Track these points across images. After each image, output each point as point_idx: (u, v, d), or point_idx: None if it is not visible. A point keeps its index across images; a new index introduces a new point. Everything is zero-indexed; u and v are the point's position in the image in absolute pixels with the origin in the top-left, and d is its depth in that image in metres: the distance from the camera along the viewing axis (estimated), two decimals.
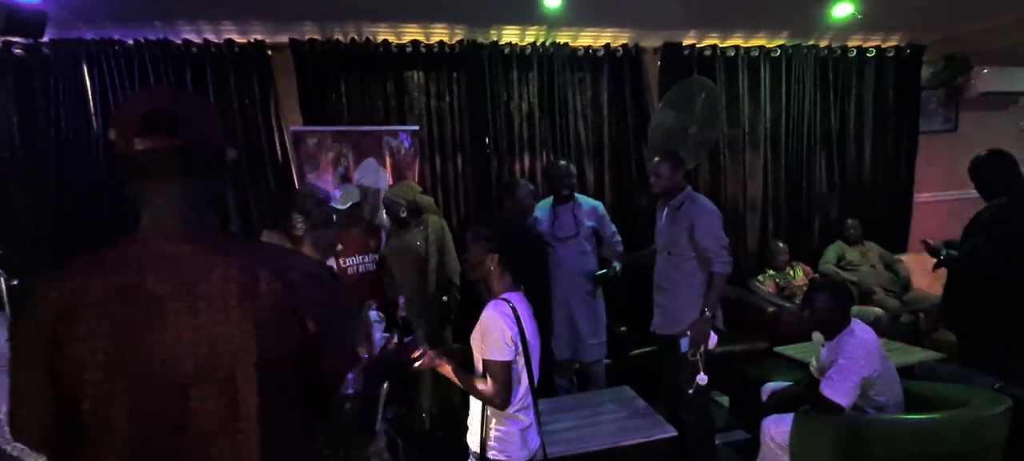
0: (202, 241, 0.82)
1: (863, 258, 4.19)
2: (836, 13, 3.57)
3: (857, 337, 2.11)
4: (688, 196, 2.56)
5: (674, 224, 2.54)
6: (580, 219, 3.02)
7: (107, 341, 0.75)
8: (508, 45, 3.68)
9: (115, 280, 0.77)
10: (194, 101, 0.91)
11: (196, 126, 0.83)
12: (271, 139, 3.41)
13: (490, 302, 1.57)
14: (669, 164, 2.56)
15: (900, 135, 4.49)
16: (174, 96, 0.89)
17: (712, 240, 2.42)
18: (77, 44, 3.14)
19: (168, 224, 0.81)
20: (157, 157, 0.80)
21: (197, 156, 0.83)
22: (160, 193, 0.81)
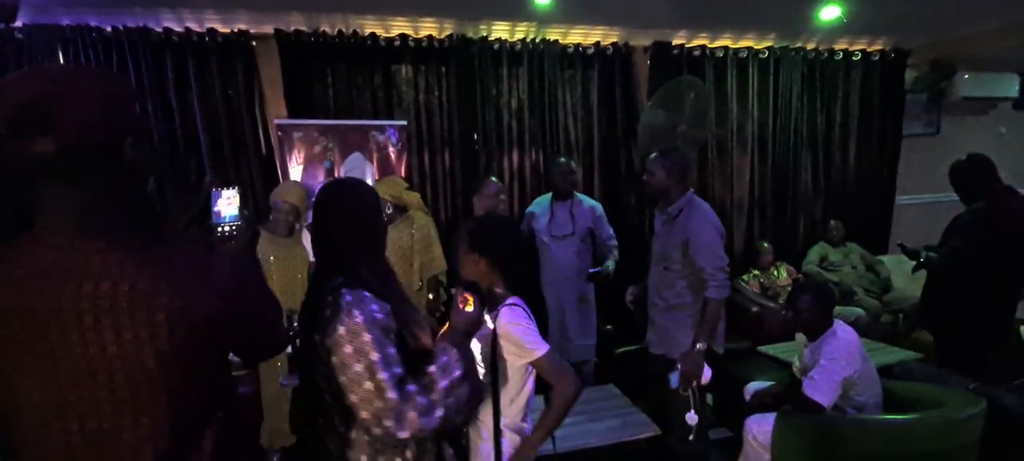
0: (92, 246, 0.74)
1: (845, 259, 4.26)
2: (823, 16, 3.60)
3: (839, 338, 2.13)
4: (687, 203, 2.26)
5: (669, 235, 2.29)
6: (577, 218, 2.99)
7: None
8: (498, 41, 3.65)
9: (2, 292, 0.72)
10: (82, 83, 0.75)
11: (80, 119, 0.71)
12: (255, 132, 3.35)
13: (501, 309, 1.44)
14: (662, 163, 2.27)
15: (884, 138, 4.55)
16: (53, 80, 0.74)
17: (709, 260, 2.13)
18: (52, 29, 3.05)
19: (54, 229, 0.74)
20: (33, 164, 0.71)
21: (83, 156, 0.73)
22: (49, 195, 0.74)
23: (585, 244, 3.02)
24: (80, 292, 0.71)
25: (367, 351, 1.05)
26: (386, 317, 1.11)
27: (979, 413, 1.97)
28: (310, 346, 1.15)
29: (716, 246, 2.17)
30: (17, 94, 0.70)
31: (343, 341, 1.06)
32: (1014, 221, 2.66)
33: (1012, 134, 5.06)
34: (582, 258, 3.01)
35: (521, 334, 1.40)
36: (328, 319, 1.08)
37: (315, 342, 1.12)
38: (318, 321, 1.11)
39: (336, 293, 1.10)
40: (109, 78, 0.84)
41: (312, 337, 1.13)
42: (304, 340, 1.19)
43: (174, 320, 0.74)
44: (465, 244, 1.52)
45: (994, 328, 2.80)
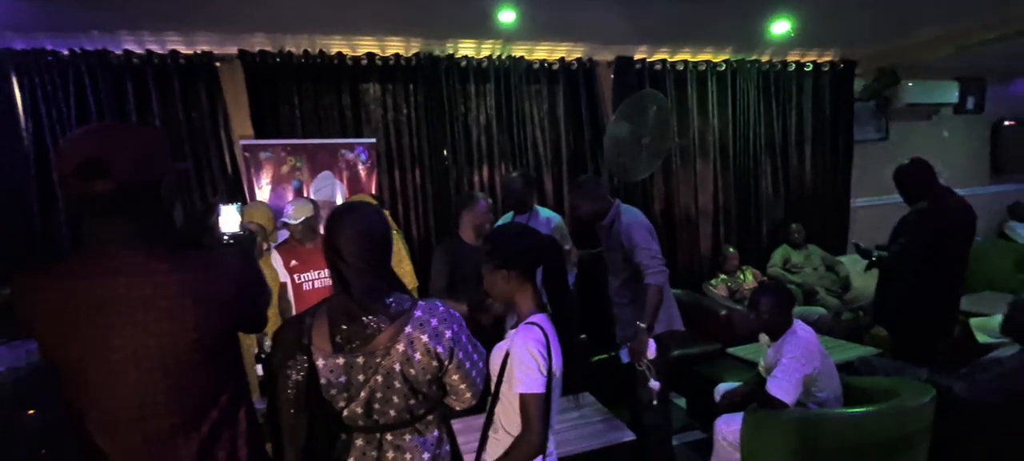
0: (133, 252, 0.99)
1: (806, 261, 4.43)
2: (774, 30, 3.78)
3: (799, 337, 2.22)
4: (616, 213, 2.59)
5: (611, 244, 2.60)
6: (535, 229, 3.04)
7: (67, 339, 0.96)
8: (465, 58, 3.71)
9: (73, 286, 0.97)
10: (130, 138, 1.00)
11: (129, 166, 0.96)
12: (220, 153, 3.30)
13: (520, 328, 1.40)
14: (579, 195, 2.65)
15: (837, 144, 4.78)
16: (109, 136, 0.98)
17: (644, 254, 2.44)
18: (4, 54, 2.97)
19: (107, 243, 0.98)
20: (92, 199, 0.95)
21: (131, 194, 0.97)
22: (100, 225, 0.98)
23: None
24: (130, 290, 0.96)
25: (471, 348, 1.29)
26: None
27: (930, 402, 2.07)
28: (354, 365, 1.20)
29: (647, 241, 2.46)
30: (82, 147, 0.94)
31: (457, 343, 1.24)
32: (955, 220, 2.86)
33: (953, 137, 5.37)
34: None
35: (520, 361, 1.33)
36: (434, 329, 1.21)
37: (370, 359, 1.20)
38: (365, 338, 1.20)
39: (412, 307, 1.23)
40: (147, 133, 1.08)
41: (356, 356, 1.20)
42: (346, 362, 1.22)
43: (201, 306, 0.99)
44: (489, 264, 1.45)
45: (941, 319, 3.01)
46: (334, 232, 1.22)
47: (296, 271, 3.03)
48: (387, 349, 1.18)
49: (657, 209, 4.27)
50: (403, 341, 1.18)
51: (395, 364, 1.18)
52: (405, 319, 1.19)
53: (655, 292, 2.39)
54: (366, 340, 1.18)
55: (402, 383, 1.20)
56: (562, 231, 3.14)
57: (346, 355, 1.18)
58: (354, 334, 1.18)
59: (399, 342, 1.18)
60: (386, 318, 1.19)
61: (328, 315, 1.21)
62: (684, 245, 4.35)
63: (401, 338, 1.18)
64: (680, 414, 3.41)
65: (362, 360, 1.18)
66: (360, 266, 1.20)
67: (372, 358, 1.18)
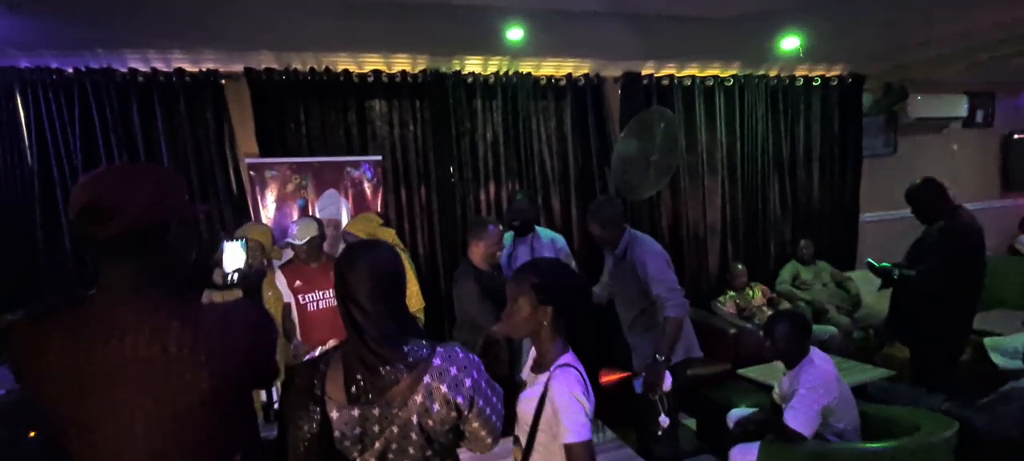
0: (141, 306, 0.95)
1: (816, 277, 4.37)
2: (784, 46, 3.75)
3: (816, 366, 2.17)
4: (629, 242, 2.54)
5: (623, 274, 2.54)
6: (537, 252, 2.99)
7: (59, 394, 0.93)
8: (471, 75, 3.68)
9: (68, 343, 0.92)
10: (139, 181, 0.97)
11: (135, 211, 0.93)
12: (225, 171, 3.27)
13: (557, 372, 1.33)
14: (595, 218, 2.56)
15: (845, 158, 4.73)
16: (117, 179, 0.97)
17: (662, 286, 2.39)
18: (9, 72, 2.95)
19: (114, 293, 0.95)
20: (99, 242, 0.93)
21: (138, 238, 0.95)
22: (108, 267, 0.95)
23: None
24: (137, 350, 0.91)
25: (491, 392, 1.24)
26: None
27: (952, 436, 2.02)
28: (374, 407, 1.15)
29: (664, 272, 2.42)
30: (87, 193, 0.92)
31: (477, 390, 1.19)
32: (972, 238, 2.85)
33: (963, 151, 5.33)
34: None
35: (566, 408, 1.27)
36: (454, 378, 1.17)
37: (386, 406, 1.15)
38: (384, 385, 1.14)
39: (431, 355, 1.18)
40: (161, 174, 1.05)
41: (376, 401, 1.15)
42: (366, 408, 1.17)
43: (214, 364, 0.95)
44: (531, 295, 1.36)
45: (961, 337, 3.03)
46: (348, 274, 1.15)
47: (301, 292, 2.99)
48: (404, 400, 1.13)
49: (664, 226, 4.22)
50: (421, 392, 1.13)
51: (412, 416, 1.13)
52: (423, 368, 1.14)
53: (675, 325, 2.35)
54: (383, 391, 1.12)
55: (419, 434, 1.15)
56: (567, 254, 3.11)
57: (361, 406, 1.13)
58: (371, 385, 1.12)
59: (417, 393, 1.13)
60: (404, 367, 1.13)
61: (343, 363, 1.15)
62: (692, 262, 4.30)
63: (420, 389, 1.13)
64: (690, 436, 3.35)
65: (378, 411, 1.13)
66: (376, 310, 1.14)
67: (388, 409, 1.13)
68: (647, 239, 2.55)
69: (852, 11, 3.15)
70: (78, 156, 3.04)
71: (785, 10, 3.10)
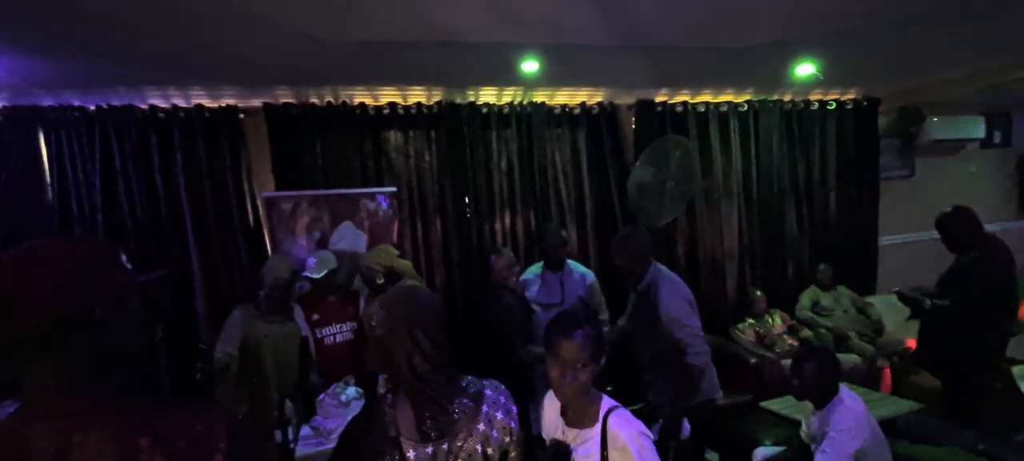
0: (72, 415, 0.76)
1: (836, 303, 4.29)
2: (799, 72, 3.73)
3: (846, 407, 2.11)
4: (653, 278, 2.49)
5: (646, 309, 2.50)
6: (567, 287, 2.95)
7: None
8: (486, 105, 3.69)
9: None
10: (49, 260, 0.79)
11: (41, 300, 0.75)
12: (242, 205, 3.28)
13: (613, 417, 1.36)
14: (622, 247, 2.53)
15: (862, 182, 4.68)
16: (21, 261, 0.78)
17: (685, 330, 2.35)
18: (31, 111, 2.99)
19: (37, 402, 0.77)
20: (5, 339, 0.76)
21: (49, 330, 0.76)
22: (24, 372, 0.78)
23: None
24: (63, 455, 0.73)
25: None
26: None
27: None
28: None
29: (688, 316, 2.38)
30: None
31: (517, 417, 1.27)
32: (1009, 269, 2.83)
33: (981, 173, 5.26)
34: None
35: (639, 447, 1.30)
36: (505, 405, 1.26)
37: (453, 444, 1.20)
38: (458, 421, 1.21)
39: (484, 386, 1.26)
40: (83, 248, 0.84)
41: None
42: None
43: None
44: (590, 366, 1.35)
45: (994, 366, 2.97)
46: (406, 320, 1.20)
47: (318, 325, 2.98)
48: (470, 432, 1.21)
49: (681, 252, 4.18)
50: (483, 421, 1.22)
51: (477, 445, 1.21)
52: (481, 400, 1.24)
53: (695, 372, 2.32)
54: (451, 425, 1.19)
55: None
56: (596, 290, 3.06)
57: (434, 443, 1.19)
58: (442, 421, 1.19)
59: (479, 422, 1.21)
60: (468, 401, 1.22)
61: (411, 403, 1.21)
62: (709, 288, 4.25)
63: (480, 419, 1.22)
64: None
65: (446, 446, 1.19)
66: (440, 351, 1.21)
67: (454, 442, 1.19)
68: (673, 279, 2.50)
69: (865, 39, 3.14)
70: (98, 192, 3.06)
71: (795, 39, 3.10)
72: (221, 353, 2.51)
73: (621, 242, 2.56)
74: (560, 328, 1.37)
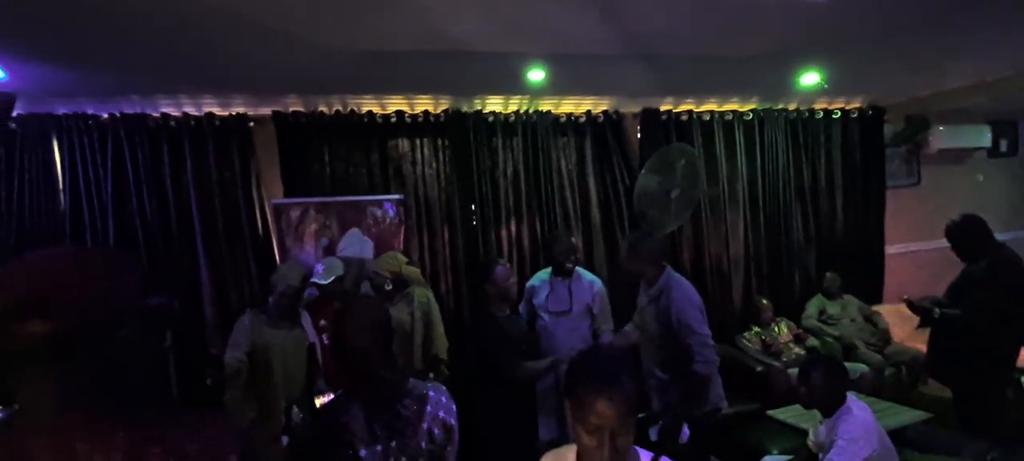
0: (77, 429, 0.74)
1: (843, 311, 4.27)
2: (803, 82, 3.75)
3: (854, 415, 2.10)
4: (666, 283, 2.49)
5: (657, 313, 2.50)
6: (575, 295, 2.94)
7: None
8: (492, 113, 3.72)
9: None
10: (80, 271, 0.80)
11: (71, 306, 0.75)
12: (251, 213, 3.31)
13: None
14: (633, 252, 2.55)
15: (868, 190, 4.67)
16: (53, 268, 0.79)
17: (695, 337, 2.35)
18: (47, 119, 3.04)
19: (42, 415, 0.74)
20: (28, 339, 0.73)
21: (72, 337, 0.75)
22: (34, 379, 0.75)
23: (584, 321, 2.95)
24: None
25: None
26: None
27: None
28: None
29: (699, 323, 2.38)
30: (18, 284, 0.75)
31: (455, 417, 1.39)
32: (1020, 277, 2.79)
33: (988, 181, 5.23)
34: (579, 336, 2.92)
35: None
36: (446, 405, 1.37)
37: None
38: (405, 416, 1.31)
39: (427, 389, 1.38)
40: (108, 262, 0.86)
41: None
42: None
43: None
44: (631, 410, 1.08)
45: (1006, 376, 2.94)
46: (357, 329, 1.32)
47: (325, 331, 3.00)
48: (415, 430, 1.31)
49: (686, 259, 4.18)
50: (427, 421, 1.33)
51: (421, 442, 1.31)
52: (425, 402, 1.35)
53: (702, 380, 2.33)
54: (399, 425, 1.29)
55: (426, 459, 1.33)
56: (603, 298, 3.04)
57: (383, 442, 1.28)
58: (391, 421, 1.29)
59: (424, 422, 1.33)
60: (412, 402, 1.33)
61: (362, 406, 1.30)
62: (715, 296, 4.24)
63: (425, 419, 1.33)
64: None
65: (395, 444, 1.29)
66: (387, 357, 1.35)
67: (403, 439, 1.29)
68: (685, 285, 2.50)
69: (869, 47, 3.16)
70: (109, 198, 3.10)
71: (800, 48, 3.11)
72: (231, 358, 2.53)
73: (633, 246, 2.56)
74: (592, 385, 1.06)
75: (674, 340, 2.41)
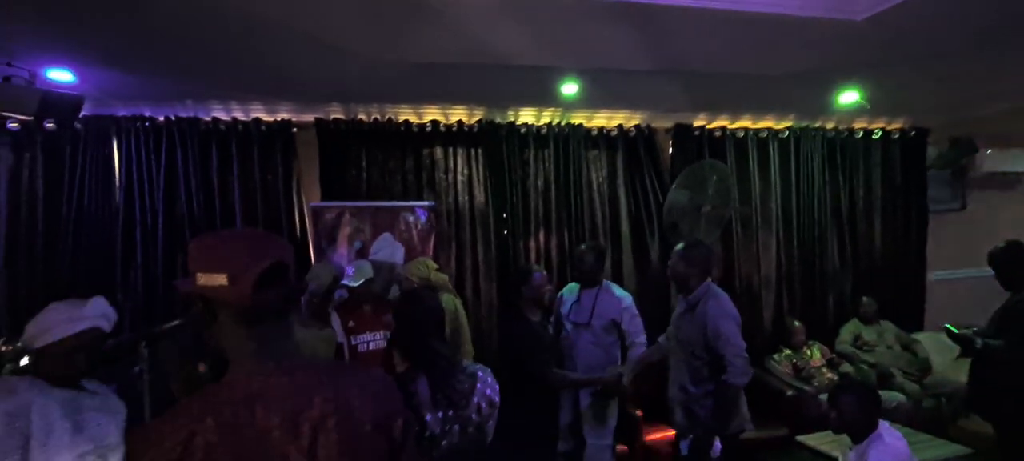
0: (298, 371, 0.89)
1: (879, 338, 4.13)
2: (842, 100, 3.68)
3: (886, 443, 2.04)
4: (705, 293, 2.46)
5: (691, 324, 2.47)
6: (599, 309, 2.91)
7: None
8: (525, 125, 3.78)
9: (225, 420, 0.83)
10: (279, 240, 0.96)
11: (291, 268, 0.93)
12: (290, 214, 3.46)
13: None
14: (683, 255, 2.50)
15: (909, 213, 4.53)
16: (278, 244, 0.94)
17: (729, 348, 2.33)
18: (108, 120, 3.25)
19: (271, 360, 0.89)
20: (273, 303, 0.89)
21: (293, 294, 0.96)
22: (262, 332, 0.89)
23: (606, 336, 2.92)
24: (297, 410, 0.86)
25: None
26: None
27: None
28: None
29: (734, 335, 2.37)
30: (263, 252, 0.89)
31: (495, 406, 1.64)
32: None
33: None
34: (600, 350, 2.90)
35: None
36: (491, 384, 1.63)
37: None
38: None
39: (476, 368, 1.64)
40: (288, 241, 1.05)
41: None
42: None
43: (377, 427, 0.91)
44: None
45: None
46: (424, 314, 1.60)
47: (353, 332, 3.07)
48: (467, 402, 1.55)
49: (715, 277, 4.09)
50: (477, 396, 1.57)
51: (472, 414, 1.55)
52: (476, 380, 1.59)
53: (733, 392, 2.32)
54: (457, 397, 1.53)
55: (473, 429, 1.57)
56: (632, 313, 3.00)
57: (443, 411, 1.51)
58: (451, 393, 1.53)
59: (474, 396, 1.57)
60: (466, 379, 1.58)
61: (427, 378, 1.53)
62: (744, 316, 4.10)
63: (475, 394, 1.57)
64: None
65: (452, 413, 1.52)
66: (445, 341, 1.64)
67: (458, 411, 1.53)
68: (724, 296, 2.48)
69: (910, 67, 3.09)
70: (160, 197, 3.29)
71: (837, 67, 3.07)
72: None
73: (685, 251, 2.51)
74: None
75: (707, 351, 2.38)
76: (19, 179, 3.15)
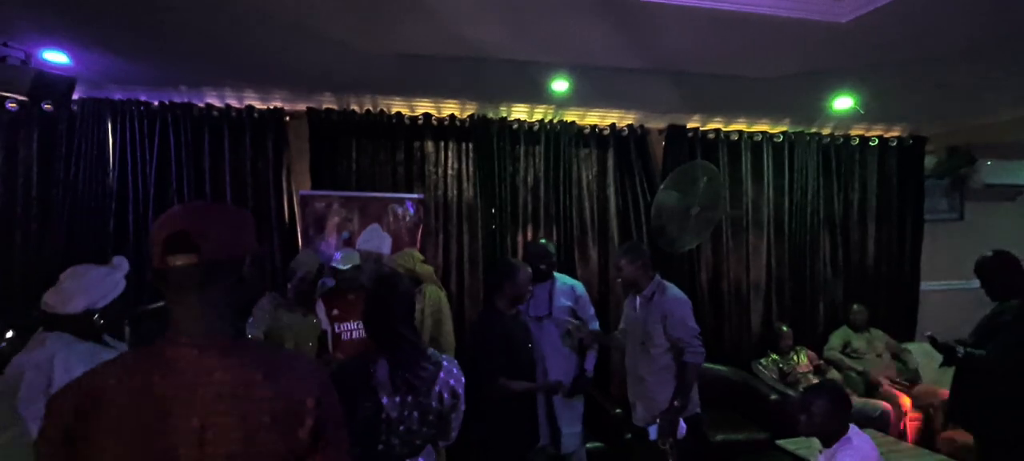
0: (209, 345, 0.91)
1: (869, 346, 4.10)
2: (837, 106, 3.66)
3: (854, 446, 2.03)
4: (657, 287, 2.64)
5: (648, 316, 2.61)
6: (554, 298, 3.01)
7: (115, 438, 0.84)
8: (516, 121, 3.79)
9: (127, 383, 0.86)
10: (222, 216, 0.98)
11: (216, 242, 0.92)
12: (280, 202, 3.48)
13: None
14: (627, 258, 2.67)
15: (904, 222, 4.49)
16: (202, 213, 0.97)
17: (684, 330, 2.49)
18: (103, 103, 3.29)
19: (184, 331, 0.91)
20: (178, 273, 0.90)
21: (216, 270, 0.92)
22: (180, 303, 0.92)
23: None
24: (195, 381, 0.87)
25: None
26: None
27: None
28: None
29: (689, 318, 2.55)
30: (173, 224, 0.92)
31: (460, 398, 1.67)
32: None
33: None
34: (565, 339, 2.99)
35: None
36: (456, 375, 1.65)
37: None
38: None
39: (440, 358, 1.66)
40: (237, 212, 1.04)
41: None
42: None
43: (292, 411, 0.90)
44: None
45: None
46: (394, 299, 1.60)
47: (337, 320, 3.10)
48: (429, 390, 1.57)
49: (704, 279, 4.11)
50: (439, 385, 1.58)
51: (433, 402, 1.57)
52: (440, 368, 1.60)
53: (693, 370, 2.46)
54: (419, 383, 1.54)
55: (433, 416, 1.59)
56: (585, 301, 3.14)
57: (402, 395, 1.53)
58: (412, 379, 1.54)
59: (436, 385, 1.58)
60: (431, 366, 1.59)
61: (388, 362, 1.54)
62: (732, 319, 4.15)
63: (438, 383, 1.58)
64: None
65: (411, 399, 1.54)
66: (413, 326, 1.63)
67: (417, 397, 1.55)
68: (672, 287, 2.66)
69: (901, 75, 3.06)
70: (152, 180, 3.33)
71: (830, 72, 3.05)
72: (250, 335, 2.67)
73: (629, 252, 2.69)
74: None
75: (662, 341, 2.53)
76: (15, 159, 3.21)
